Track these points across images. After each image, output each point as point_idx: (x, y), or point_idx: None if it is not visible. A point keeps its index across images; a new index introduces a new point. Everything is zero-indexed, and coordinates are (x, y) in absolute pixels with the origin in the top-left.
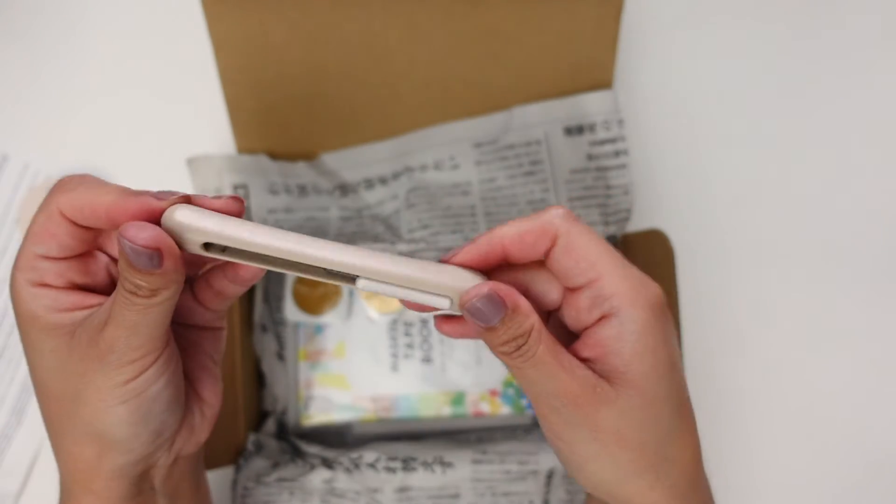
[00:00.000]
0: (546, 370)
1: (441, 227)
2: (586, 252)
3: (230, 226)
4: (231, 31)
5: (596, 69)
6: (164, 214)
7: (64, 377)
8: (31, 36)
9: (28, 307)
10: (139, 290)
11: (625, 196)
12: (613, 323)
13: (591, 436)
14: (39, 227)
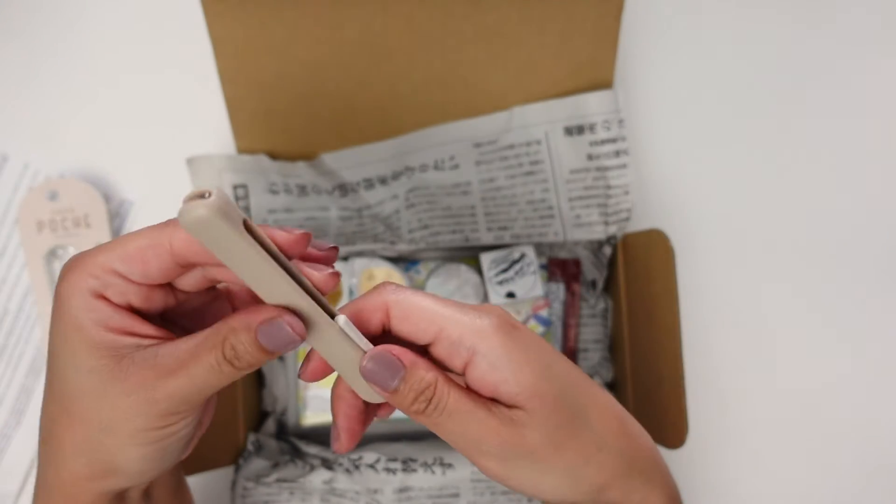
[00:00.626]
0: (465, 417)
1: (441, 227)
2: (420, 311)
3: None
4: (231, 31)
5: (596, 69)
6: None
7: (97, 402)
8: (31, 35)
9: (77, 315)
10: (238, 362)
11: (625, 196)
12: (479, 361)
13: (531, 460)
14: (135, 249)
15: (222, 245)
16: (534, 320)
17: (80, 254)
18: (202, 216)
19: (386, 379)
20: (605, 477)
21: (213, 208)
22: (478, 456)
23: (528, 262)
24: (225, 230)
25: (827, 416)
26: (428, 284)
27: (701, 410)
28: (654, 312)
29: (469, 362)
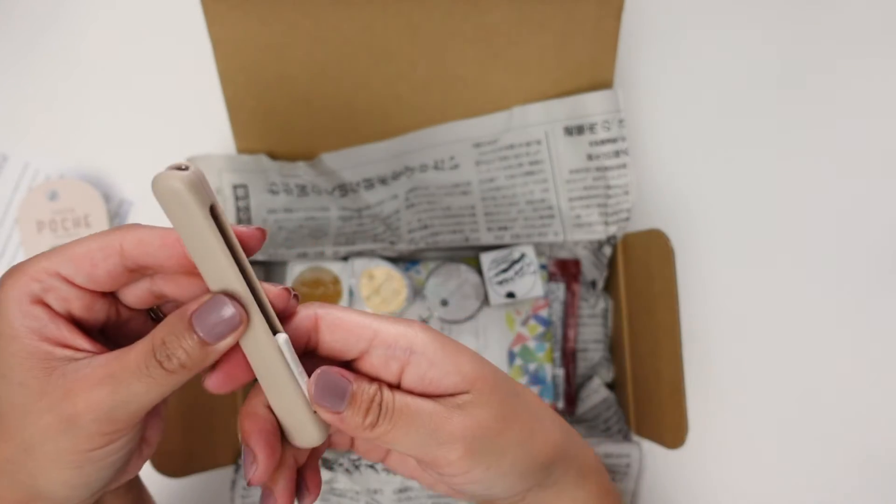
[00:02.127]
0: (415, 415)
1: (441, 227)
2: (351, 320)
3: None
4: (231, 31)
5: (596, 69)
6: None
7: (22, 418)
8: (31, 35)
9: (12, 321)
10: (168, 362)
11: (625, 196)
12: (418, 360)
13: (487, 439)
14: (83, 251)
15: (185, 220)
16: (534, 320)
17: (23, 260)
18: (174, 187)
19: (336, 400)
20: (549, 449)
21: (186, 182)
22: (437, 450)
23: (527, 262)
24: (192, 206)
25: (827, 416)
26: (428, 284)
27: (701, 410)
28: (654, 312)
29: (407, 364)
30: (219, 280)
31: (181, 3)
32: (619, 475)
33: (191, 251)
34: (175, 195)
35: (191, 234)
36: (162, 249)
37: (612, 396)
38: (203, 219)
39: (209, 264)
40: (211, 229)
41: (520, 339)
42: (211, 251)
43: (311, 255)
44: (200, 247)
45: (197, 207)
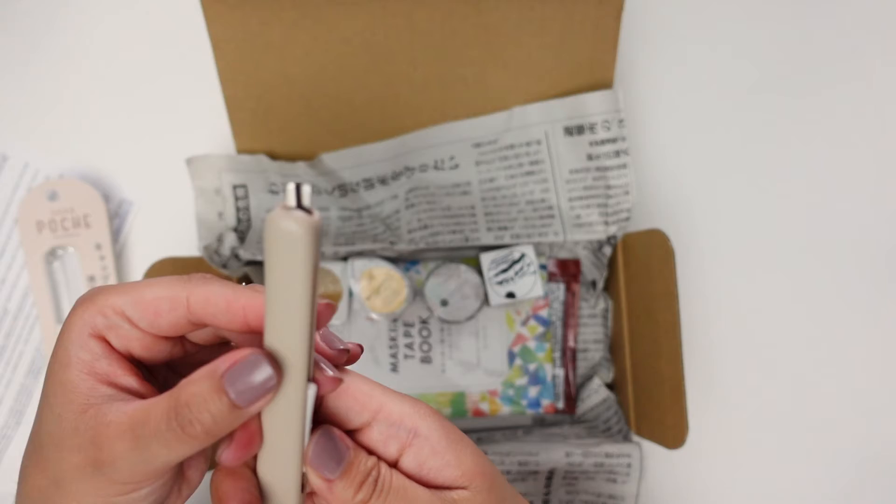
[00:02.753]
0: (411, 497)
1: (441, 227)
2: (359, 386)
3: None
4: (231, 31)
5: (596, 69)
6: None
7: (56, 451)
8: (31, 36)
9: (67, 350)
10: (190, 427)
11: (625, 196)
12: (421, 445)
13: None
14: (151, 297)
15: (286, 268)
16: (534, 320)
17: (97, 288)
18: (294, 231)
19: (331, 465)
20: None
21: (310, 228)
22: None
23: (527, 262)
24: (304, 257)
25: (827, 415)
26: (428, 284)
27: (701, 410)
28: (654, 312)
29: (408, 446)
30: (283, 337)
31: (181, 4)
32: (619, 475)
33: (272, 298)
34: (291, 240)
35: (284, 283)
36: (226, 314)
37: (612, 396)
38: (307, 274)
39: (284, 319)
40: (309, 285)
41: (520, 339)
42: (295, 306)
43: None
44: (286, 298)
45: (309, 260)
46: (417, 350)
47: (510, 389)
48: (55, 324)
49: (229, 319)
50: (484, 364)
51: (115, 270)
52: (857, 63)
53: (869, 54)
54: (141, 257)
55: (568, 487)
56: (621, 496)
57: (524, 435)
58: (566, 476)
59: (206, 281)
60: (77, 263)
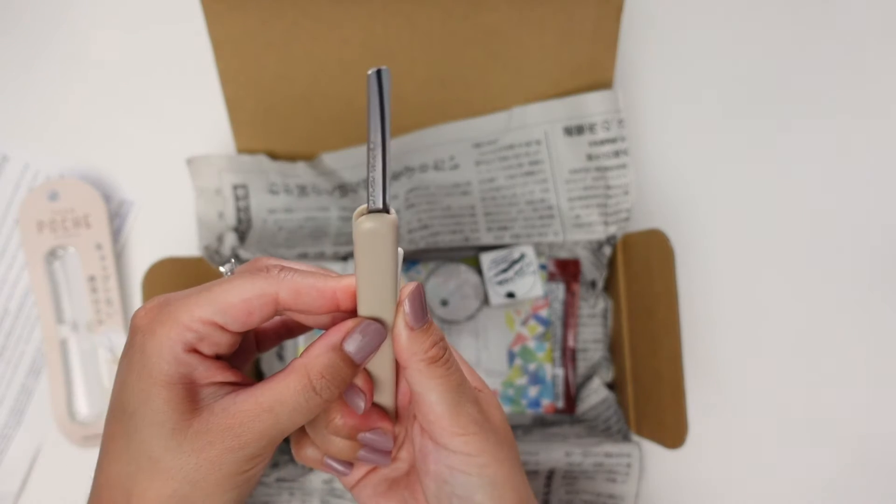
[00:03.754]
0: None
1: (441, 227)
2: None
3: None
4: (231, 31)
5: (596, 69)
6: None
7: (182, 457)
8: (31, 36)
9: (167, 371)
10: (327, 391)
11: (625, 196)
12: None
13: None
14: (238, 300)
15: (377, 257)
16: (533, 320)
17: (160, 304)
18: (379, 230)
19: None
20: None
21: (391, 225)
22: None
23: (527, 262)
24: (389, 246)
25: (827, 415)
26: (428, 284)
27: (701, 410)
28: (654, 312)
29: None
30: (376, 307)
31: (181, 4)
32: (619, 475)
33: (363, 279)
34: (377, 237)
35: (375, 269)
36: (318, 300)
37: (612, 396)
38: (392, 258)
39: (376, 296)
40: (395, 267)
41: (520, 339)
42: (384, 286)
43: (311, 255)
44: (377, 281)
45: (393, 248)
46: None
47: (510, 389)
48: (55, 324)
49: (321, 305)
50: (484, 364)
51: (116, 270)
52: (857, 63)
53: (869, 55)
54: (141, 257)
55: (568, 487)
56: (621, 496)
57: (524, 435)
58: (566, 476)
59: (288, 272)
60: (77, 263)
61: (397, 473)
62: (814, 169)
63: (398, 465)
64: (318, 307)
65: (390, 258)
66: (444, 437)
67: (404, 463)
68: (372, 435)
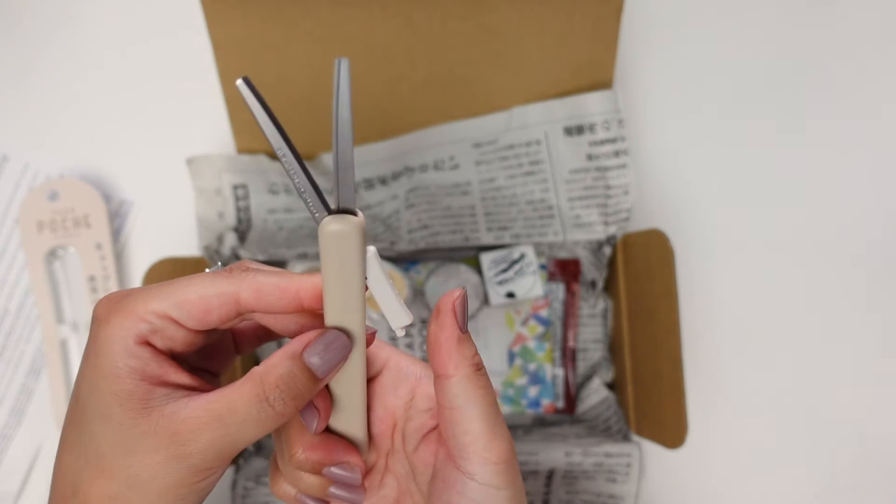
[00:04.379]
0: (490, 381)
1: (441, 227)
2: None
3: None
4: (231, 31)
5: (596, 69)
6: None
7: (126, 457)
8: (31, 36)
9: (116, 363)
10: (279, 404)
11: (625, 196)
12: (427, 383)
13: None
14: (197, 296)
15: (342, 260)
16: (533, 320)
17: (119, 295)
18: (343, 230)
19: (466, 320)
20: None
21: (356, 226)
22: (496, 429)
23: (527, 262)
24: (354, 248)
25: (826, 415)
26: (428, 284)
27: (701, 410)
28: (654, 312)
29: (418, 386)
30: (343, 316)
31: (181, 4)
32: (619, 475)
33: (331, 284)
34: (341, 240)
35: (341, 274)
36: (281, 300)
37: (612, 396)
38: (359, 262)
39: (345, 299)
40: (361, 272)
41: (520, 339)
42: (353, 288)
43: (311, 255)
44: (344, 282)
45: (359, 251)
46: (417, 350)
47: (510, 389)
48: (55, 324)
49: (284, 305)
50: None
51: (116, 270)
52: (858, 63)
53: (870, 54)
54: (141, 257)
55: (568, 487)
56: (621, 496)
57: (524, 434)
58: (566, 476)
59: (250, 272)
60: (77, 263)
61: (385, 502)
62: (814, 168)
63: (384, 493)
64: (281, 307)
65: (356, 262)
66: (475, 465)
67: (391, 490)
68: (338, 470)
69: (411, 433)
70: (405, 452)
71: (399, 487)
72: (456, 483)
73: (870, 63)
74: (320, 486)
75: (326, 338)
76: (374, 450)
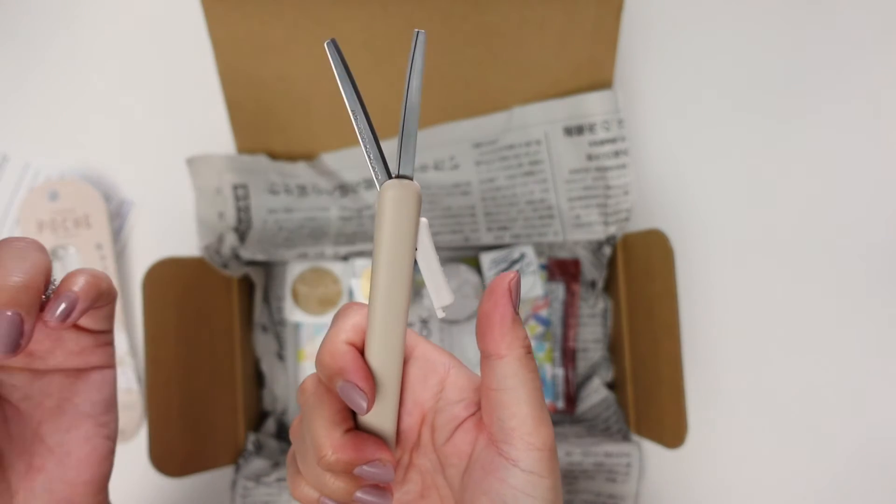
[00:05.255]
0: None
1: (441, 227)
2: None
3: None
4: (231, 31)
5: (596, 69)
6: None
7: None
8: (32, 36)
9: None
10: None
11: (625, 196)
12: (457, 372)
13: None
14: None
15: (399, 221)
16: (533, 320)
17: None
18: (401, 195)
19: (519, 302)
20: None
21: (415, 192)
22: (542, 415)
23: (527, 262)
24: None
25: (826, 415)
26: None
27: (701, 410)
28: (654, 312)
29: (447, 377)
30: (392, 284)
31: (181, 4)
32: (619, 475)
33: (381, 252)
34: (399, 202)
35: (393, 237)
36: None
37: (612, 396)
38: (413, 226)
39: (391, 268)
40: (413, 238)
41: None
42: (401, 257)
43: (311, 255)
44: (394, 251)
45: (413, 215)
46: None
47: None
48: None
49: None
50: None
51: (116, 270)
52: (857, 63)
53: (869, 54)
54: (141, 257)
55: (568, 487)
56: (621, 496)
57: None
58: (566, 475)
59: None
60: (78, 263)
61: (409, 497)
62: (814, 168)
63: (408, 489)
64: None
65: (410, 228)
66: (520, 451)
67: (415, 486)
68: (370, 468)
69: (442, 425)
70: (433, 445)
71: (423, 482)
72: (498, 469)
73: (870, 63)
74: (346, 490)
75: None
76: (401, 445)
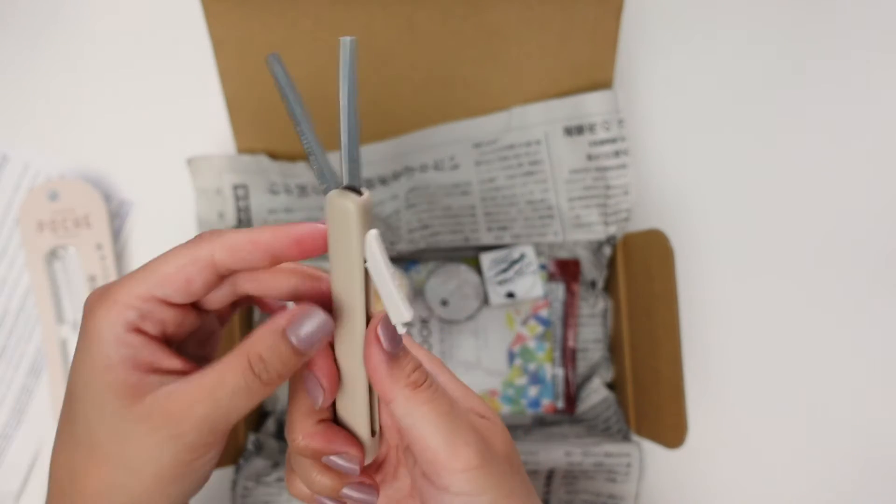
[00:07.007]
0: (451, 398)
1: (441, 227)
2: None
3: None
4: (231, 31)
5: (596, 69)
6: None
7: (122, 444)
8: (31, 36)
9: (108, 353)
10: (266, 374)
11: (625, 196)
12: (443, 381)
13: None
14: (174, 269)
15: (343, 234)
16: (533, 320)
17: (105, 287)
18: (348, 207)
19: (394, 340)
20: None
21: (359, 205)
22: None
23: (527, 262)
24: (357, 227)
25: (826, 415)
26: (428, 284)
27: (701, 410)
28: (654, 312)
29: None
30: (343, 293)
31: (181, 4)
32: (619, 475)
33: (333, 263)
34: (341, 214)
35: (340, 250)
36: (253, 253)
37: (612, 396)
38: (358, 240)
39: (342, 279)
40: (360, 252)
41: (520, 339)
42: (350, 269)
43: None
44: (343, 263)
45: (358, 229)
46: None
47: (510, 389)
48: (56, 324)
49: (258, 258)
50: (484, 364)
51: (116, 270)
52: (857, 62)
53: (869, 53)
54: (141, 257)
55: (568, 487)
56: (621, 496)
57: (524, 434)
58: (566, 475)
59: (218, 234)
60: (78, 263)
61: (399, 495)
62: (814, 168)
63: (399, 485)
64: (255, 260)
65: (356, 241)
66: (445, 477)
67: (405, 482)
68: (337, 459)
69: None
70: None
71: (413, 481)
72: (434, 498)
73: (872, 62)
74: (332, 487)
75: (306, 314)
76: (385, 442)
